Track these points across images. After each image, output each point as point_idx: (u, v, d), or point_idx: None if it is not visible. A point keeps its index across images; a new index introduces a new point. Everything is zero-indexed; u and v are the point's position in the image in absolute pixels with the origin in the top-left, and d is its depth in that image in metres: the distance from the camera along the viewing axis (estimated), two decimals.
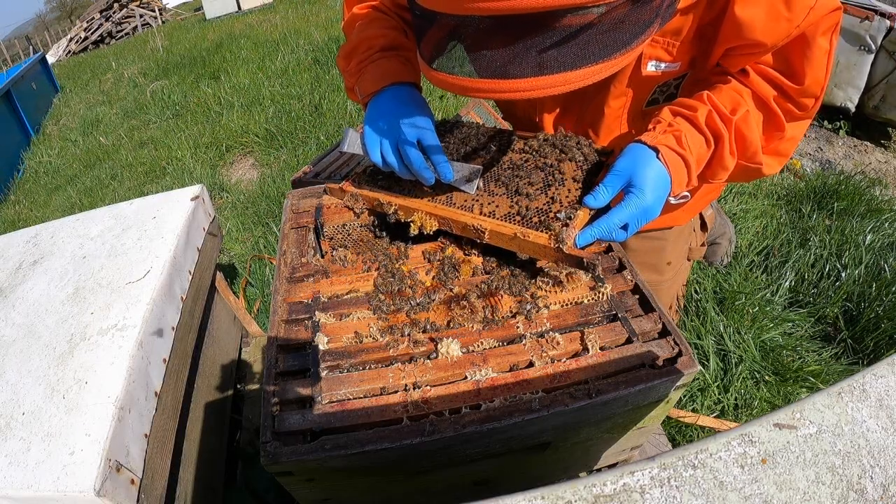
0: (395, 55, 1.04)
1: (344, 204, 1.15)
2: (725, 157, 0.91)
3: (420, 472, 0.91)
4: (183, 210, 1.45)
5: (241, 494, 1.59)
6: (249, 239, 3.16)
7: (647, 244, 1.40)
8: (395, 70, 1.01)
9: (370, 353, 0.90)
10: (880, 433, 0.51)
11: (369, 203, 1.13)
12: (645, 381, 0.83)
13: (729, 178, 0.99)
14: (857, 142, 3.29)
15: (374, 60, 1.03)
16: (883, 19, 2.86)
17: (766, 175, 1.00)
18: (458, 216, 1.02)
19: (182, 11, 16.13)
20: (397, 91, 1.00)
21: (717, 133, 0.90)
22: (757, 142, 0.92)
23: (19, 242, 1.45)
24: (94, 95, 7.63)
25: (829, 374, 1.85)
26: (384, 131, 0.96)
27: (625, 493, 0.47)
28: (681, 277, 1.57)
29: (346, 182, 1.15)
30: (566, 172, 1.02)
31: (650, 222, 0.93)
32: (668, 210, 1.06)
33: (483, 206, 1.02)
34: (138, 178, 4.48)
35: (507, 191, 1.03)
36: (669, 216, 1.28)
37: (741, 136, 0.91)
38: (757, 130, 0.91)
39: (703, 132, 0.90)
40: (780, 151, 0.97)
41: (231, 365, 1.76)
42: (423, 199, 1.06)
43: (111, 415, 0.94)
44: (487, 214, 1.00)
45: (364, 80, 1.02)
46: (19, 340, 1.12)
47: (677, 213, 1.29)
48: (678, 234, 1.41)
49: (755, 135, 0.91)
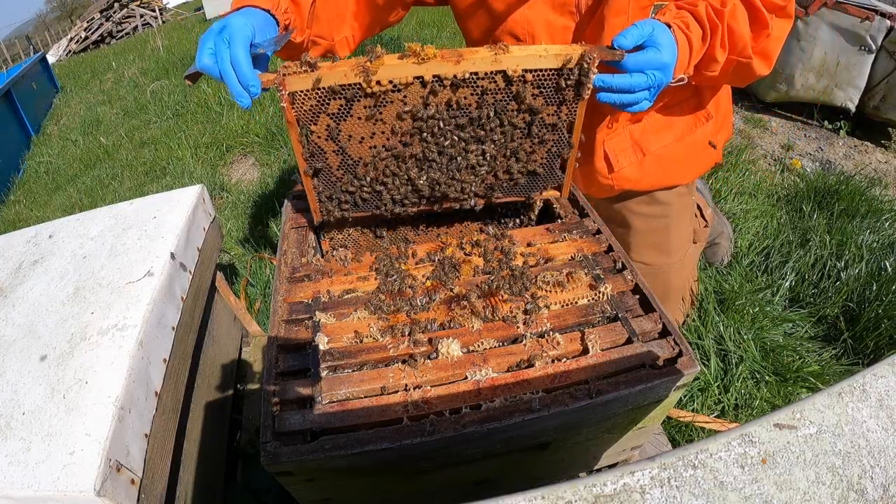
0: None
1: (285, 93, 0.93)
2: (716, 50, 1.02)
3: (420, 472, 0.91)
4: (183, 210, 1.45)
5: (241, 494, 1.58)
6: (249, 239, 3.16)
7: (651, 223, 1.41)
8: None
9: (370, 353, 0.90)
10: (880, 433, 0.51)
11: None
12: (645, 381, 0.83)
13: (723, 76, 1.08)
14: (857, 142, 3.29)
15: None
16: (883, 19, 2.86)
17: (757, 74, 1.09)
18: (474, 53, 0.91)
19: (182, 11, 16.12)
20: (249, 10, 0.96)
21: (713, 25, 1.00)
22: (746, 35, 1.01)
23: (19, 242, 1.45)
24: (95, 95, 7.62)
25: (829, 375, 1.85)
26: (212, 31, 0.91)
27: (625, 493, 0.47)
28: (689, 263, 1.58)
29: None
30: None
31: (652, 182, 1.18)
32: (667, 94, 1.16)
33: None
34: (138, 178, 4.47)
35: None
36: (674, 169, 1.34)
37: (731, 30, 1.01)
38: (745, 25, 1.01)
39: (703, 23, 1.00)
40: (768, 51, 1.06)
41: (231, 365, 1.75)
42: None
43: (111, 415, 0.93)
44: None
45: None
46: (19, 340, 1.12)
47: (681, 166, 1.34)
48: (681, 210, 1.43)
49: (744, 29, 1.01)
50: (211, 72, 0.90)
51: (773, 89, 3.45)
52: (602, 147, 1.32)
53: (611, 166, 1.33)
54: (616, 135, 1.31)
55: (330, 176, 1.06)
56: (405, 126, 0.97)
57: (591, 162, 1.35)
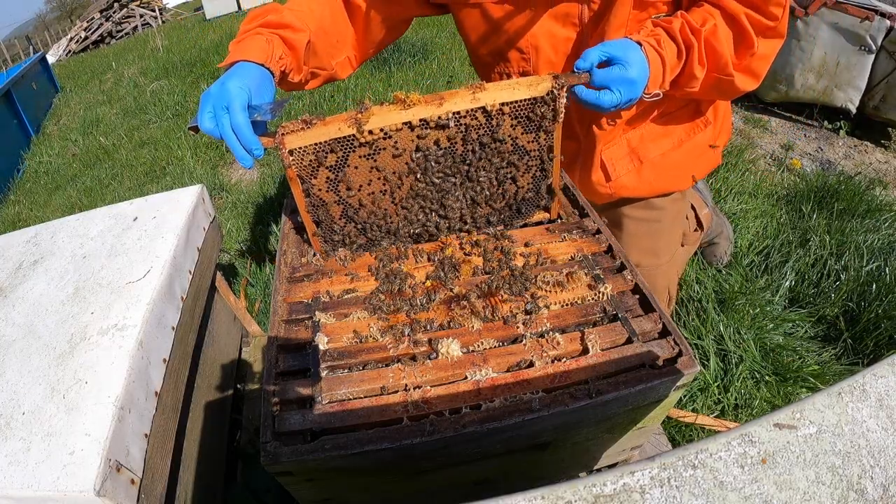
0: (270, 34, 1.04)
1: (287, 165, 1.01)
2: (695, 66, 1.03)
3: (420, 472, 0.91)
4: (183, 210, 1.45)
5: (241, 494, 1.58)
6: (249, 239, 3.16)
7: (643, 227, 1.41)
8: (255, 48, 1.00)
9: (370, 353, 0.90)
10: (880, 433, 0.51)
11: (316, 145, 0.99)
12: (645, 381, 0.83)
13: (704, 91, 1.08)
14: (857, 142, 3.29)
15: (250, 36, 1.03)
16: (883, 19, 2.86)
17: (741, 90, 1.09)
18: (454, 95, 0.99)
19: (182, 11, 16.13)
20: (243, 65, 0.99)
21: (688, 43, 1.02)
22: (727, 54, 1.02)
23: (19, 242, 1.45)
24: (95, 95, 7.62)
25: (829, 374, 1.85)
26: (210, 95, 0.94)
27: (625, 493, 0.47)
28: (676, 264, 1.59)
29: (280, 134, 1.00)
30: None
31: (650, 189, 1.19)
32: (641, 105, 1.18)
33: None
34: (138, 178, 4.47)
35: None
36: (672, 176, 1.33)
37: (711, 47, 1.02)
38: (727, 44, 1.01)
39: (677, 40, 1.02)
40: (753, 69, 1.06)
41: (231, 365, 1.75)
42: None
43: (111, 415, 0.93)
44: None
45: (232, 50, 1.03)
46: (19, 340, 1.12)
47: (679, 172, 1.34)
48: (674, 216, 1.43)
49: (724, 48, 1.01)
50: (213, 134, 0.94)
51: (772, 89, 3.45)
52: (599, 157, 1.32)
53: (608, 175, 1.33)
54: (613, 144, 1.31)
55: (332, 225, 1.12)
56: (399, 168, 1.03)
57: (588, 173, 1.34)
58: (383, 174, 1.04)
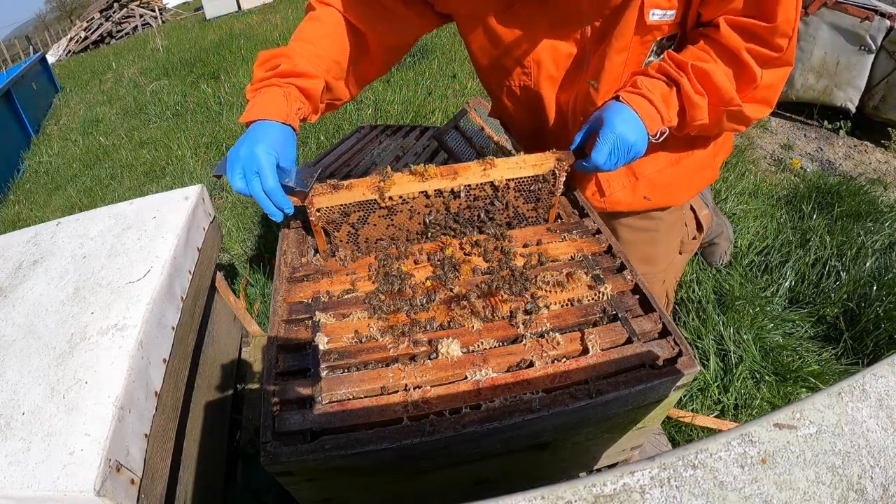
0: (287, 85, 1.05)
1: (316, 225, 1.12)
2: (692, 96, 1.01)
3: (420, 472, 0.91)
4: (183, 210, 1.45)
5: (241, 494, 1.59)
6: (249, 239, 3.16)
7: (640, 236, 1.41)
8: (274, 106, 1.02)
9: (370, 353, 0.90)
10: (880, 433, 0.51)
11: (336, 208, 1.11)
12: (645, 381, 0.83)
13: (716, 123, 1.07)
14: (857, 142, 3.29)
15: (267, 87, 1.05)
16: (883, 19, 2.86)
17: (754, 119, 1.08)
18: (466, 169, 1.09)
19: (182, 11, 16.12)
20: (266, 125, 1.01)
21: (669, 74, 1.02)
22: (729, 88, 1.00)
23: (19, 242, 1.45)
24: (94, 95, 7.62)
25: (829, 374, 1.85)
26: (239, 158, 0.98)
27: (625, 493, 0.47)
28: (673, 272, 1.58)
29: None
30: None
31: (649, 201, 1.21)
32: (653, 150, 1.19)
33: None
34: (138, 178, 4.47)
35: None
36: (667, 193, 1.32)
37: (709, 81, 1.00)
38: (727, 80, 1.00)
39: (657, 76, 1.03)
40: (760, 98, 1.05)
41: (231, 365, 1.76)
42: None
43: (111, 415, 0.93)
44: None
45: (250, 105, 1.05)
46: (19, 340, 1.12)
47: (674, 189, 1.32)
48: (671, 225, 1.42)
49: (724, 81, 1.00)
50: (244, 193, 1.00)
51: None
52: (595, 176, 1.31)
53: (602, 191, 1.31)
54: None
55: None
56: (412, 226, 1.17)
57: (582, 187, 1.33)
58: (396, 228, 1.17)
